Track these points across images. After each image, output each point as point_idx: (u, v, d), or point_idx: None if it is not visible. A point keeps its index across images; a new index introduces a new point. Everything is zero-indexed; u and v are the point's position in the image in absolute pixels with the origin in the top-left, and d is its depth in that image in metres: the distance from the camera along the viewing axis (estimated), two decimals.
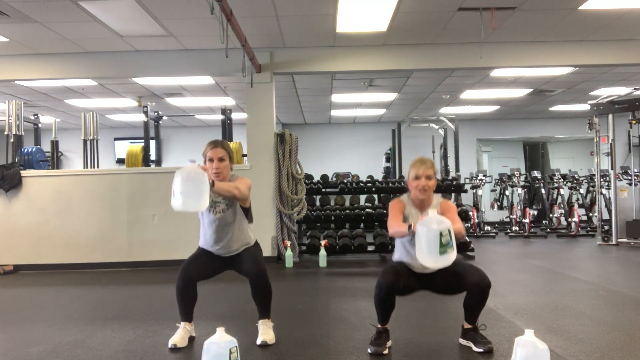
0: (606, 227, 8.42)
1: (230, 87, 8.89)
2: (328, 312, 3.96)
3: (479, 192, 10.80)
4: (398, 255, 3.02)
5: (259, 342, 3.05)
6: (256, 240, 3.29)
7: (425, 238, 2.57)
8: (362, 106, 11.24)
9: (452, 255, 2.61)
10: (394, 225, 2.87)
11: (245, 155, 7.37)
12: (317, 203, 9.32)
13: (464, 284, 2.86)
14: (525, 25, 6.23)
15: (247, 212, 3.23)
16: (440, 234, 2.54)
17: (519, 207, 10.11)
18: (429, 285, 2.98)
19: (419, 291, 2.99)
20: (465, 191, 7.82)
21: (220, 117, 8.22)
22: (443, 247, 2.55)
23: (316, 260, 6.61)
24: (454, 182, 7.56)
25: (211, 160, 3.11)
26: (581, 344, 2.98)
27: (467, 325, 2.96)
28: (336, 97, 10.17)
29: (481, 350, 2.83)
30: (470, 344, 2.91)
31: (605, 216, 9.15)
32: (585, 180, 10.98)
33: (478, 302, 2.88)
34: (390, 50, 6.95)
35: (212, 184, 2.84)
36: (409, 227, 2.71)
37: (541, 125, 13.43)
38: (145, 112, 7.54)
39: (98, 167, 7.78)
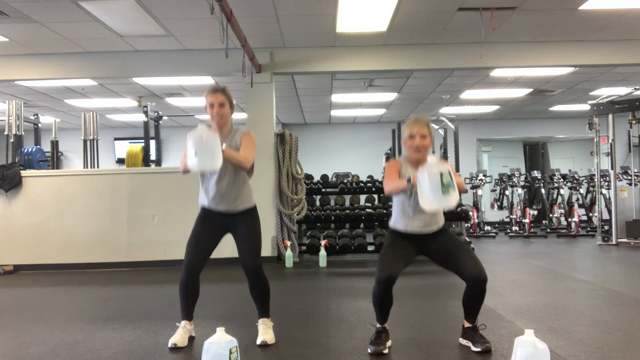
0: (606, 227, 8.42)
1: (230, 87, 8.81)
2: (328, 312, 3.96)
3: (479, 192, 10.80)
4: (394, 219, 3.00)
5: (259, 342, 3.05)
6: (255, 205, 3.18)
7: (426, 181, 2.63)
8: (362, 106, 11.24)
9: (454, 196, 2.66)
10: (391, 182, 2.84)
11: None
12: (317, 203, 9.32)
13: (459, 270, 2.87)
14: (525, 25, 6.23)
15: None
16: (441, 174, 2.61)
17: (519, 207, 10.11)
18: (425, 250, 2.96)
19: (416, 258, 2.98)
20: (466, 191, 7.80)
21: None
22: (445, 187, 2.60)
23: (316, 260, 6.61)
24: None
25: (211, 105, 3.07)
26: (581, 344, 2.98)
27: (466, 324, 2.97)
28: (336, 97, 10.17)
29: (479, 349, 2.83)
30: (469, 344, 2.91)
31: (605, 216, 9.15)
32: (585, 180, 10.99)
33: (477, 298, 2.88)
34: (390, 50, 6.95)
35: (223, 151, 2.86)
36: (408, 180, 2.73)
37: (541, 125, 13.43)
38: (145, 112, 7.54)
39: (98, 167, 7.78)
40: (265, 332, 3.10)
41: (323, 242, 6.63)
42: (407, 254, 2.94)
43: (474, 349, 2.86)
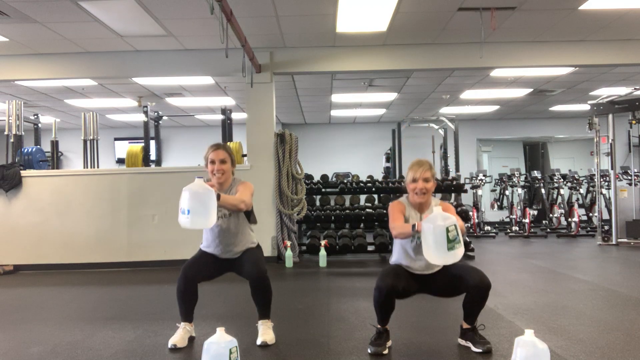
0: (606, 227, 8.42)
1: (230, 87, 8.89)
2: (328, 312, 3.96)
3: (479, 192, 10.80)
4: (396, 257, 3.02)
5: (259, 342, 3.06)
6: (258, 243, 3.30)
7: (432, 235, 2.55)
8: (362, 106, 11.24)
9: (460, 251, 2.58)
10: (398, 226, 2.84)
11: (245, 155, 7.38)
12: (317, 203, 9.32)
13: (464, 285, 2.87)
14: (525, 25, 6.23)
15: (249, 214, 3.24)
16: (447, 230, 2.53)
17: (519, 207, 10.11)
18: (427, 288, 2.99)
19: (417, 294, 3.00)
20: (465, 191, 7.81)
21: (220, 117, 8.22)
22: (451, 243, 2.53)
23: (316, 260, 6.61)
24: (454, 182, 7.56)
25: (213, 162, 3.12)
26: (581, 344, 2.98)
27: (465, 325, 2.97)
28: (336, 97, 10.17)
29: (480, 350, 2.83)
30: (469, 344, 2.91)
31: (605, 216, 9.15)
32: (585, 180, 10.98)
33: (478, 303, 2.88)
34: (390, 50, 6.95)
35: (218, 198, 2.82)
36: (413, 226, 2.71)
37: (541, 125, 13.43)
38: (145, 112, 7.54)
39: (98, 167, 7.78)
40: (265, 332, 3.10)
41: (323, 242, 6.63)
42: (409, 282, 2.93)
43: (474, 349, 2.86)
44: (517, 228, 9.99)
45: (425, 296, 3.08)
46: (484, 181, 10.84)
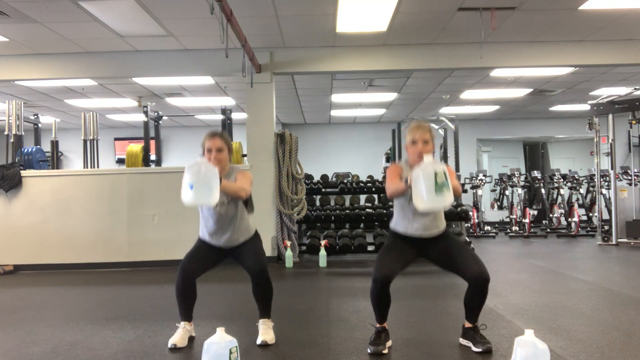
0: (606, 227, 8.42)
1: (230, 87, 8.89)
2: (328, 312, 3.96)
3: (479, 192, 10.80)
4: (394, 221, 3.02)
5: (259, 342, 3.06)
6: (256, 230, 3.28)
7: (421, 180, 2.60)
8: (362, 106, 11.24)
9: (448, 197, 2.61)
10: (392, 185, 2.86)
11: (245, 155, 7.38)
12: (317, 203, 9.32)
13: (462, 273, 2.86)
14: (525, 25, 6.23)
15: (247, 203, 3.22)
16: (435, 174, 2.58)
17: (519, 207, 10.11)
18: (425, 253, 2.96)
19: (417, 259, 2.97)
20: (466, 191, 7.82)
21: (220, 117, 8.22)
22: (438, 187, 2.56)
23: (316, 260, 6.61)
24: None
25: (209, 150, 3.10)
26: (581, 344, 2.98)
27: (467, 325, 2.96)
28: (336, 97, 10.17)
29: (480, 350, 2.83)
30: (470, 344, 2.91)
31: (605, 216, 9.15)
32: (585, 180, 10.99)
33: (478, 298, 2.87)
34: (390, 50, 6.95)
35: (220, 181, 2.85)
36: (406, 180, 2.74)
37: (541, 125, 13.43)
38: (145, 112, 7.54)
39: (98, 167, 7.78)
40: (265, 332, 3.10)
41: (323, 242, 6.63)
42: (406, 255, 2.95)
43: (474, 349, 2.86)
44: (517, 228, 9.99)
45: (425, 296, 3.08)
46: (484, 181, 10.84)
